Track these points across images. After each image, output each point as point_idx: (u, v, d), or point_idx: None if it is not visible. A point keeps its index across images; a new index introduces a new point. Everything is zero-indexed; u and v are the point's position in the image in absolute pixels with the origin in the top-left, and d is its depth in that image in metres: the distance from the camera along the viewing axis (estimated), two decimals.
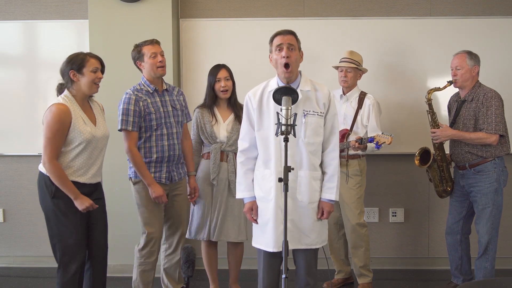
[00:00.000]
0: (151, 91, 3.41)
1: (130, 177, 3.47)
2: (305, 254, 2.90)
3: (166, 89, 3.50)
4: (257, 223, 2.91)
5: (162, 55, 3.42)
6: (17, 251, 4.61)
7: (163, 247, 3.61)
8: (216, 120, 3.61)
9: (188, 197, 3.59)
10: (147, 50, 3.37)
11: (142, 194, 3.41)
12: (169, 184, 3.47)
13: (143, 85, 3.42)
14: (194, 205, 3.63)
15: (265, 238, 2.86)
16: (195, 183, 3.58)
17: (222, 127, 3.61)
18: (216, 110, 3.63)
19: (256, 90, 2.92)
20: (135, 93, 3.37)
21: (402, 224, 4.51)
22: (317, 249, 2.93)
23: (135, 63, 3.45)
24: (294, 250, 2.89)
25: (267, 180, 2.85)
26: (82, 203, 2.95)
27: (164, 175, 3.43)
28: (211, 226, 3.57)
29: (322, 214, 2.88)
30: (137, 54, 3.41)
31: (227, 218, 3.58)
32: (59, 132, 2.90)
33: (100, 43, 4.15)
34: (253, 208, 2.91)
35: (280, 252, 2.79)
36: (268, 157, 2.85)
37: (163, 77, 3.51)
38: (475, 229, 3.69)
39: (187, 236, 3.66)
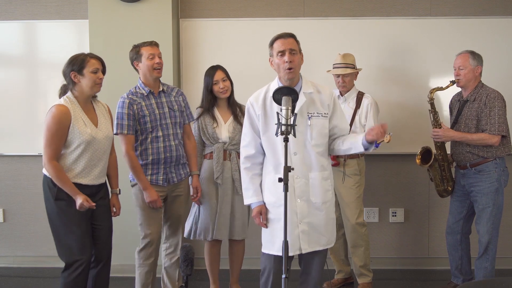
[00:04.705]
0: (146, 94, 3.41)
1: (130, 180, 3.47)
2: (319, 255, 2.88)
3: (163, 90, 3.49)
4: (266, 227, 2.88)
5: (160, 57, 3.41)
6: (17, 251, 4.61)
7: (163, 247, 3.61)
8: (217, 123, 3.60)
9: (192, 197, 3.58)
10: (145, 51, 3.37)
11: (140, 196, 3.40)
12: (167, 186, 3.46)
13: (138, 88, 3.43)
14: (199, 205, 3.62)
15: (277, 243, 2.80)
16: (198, 182, 3.56)
17: (223, 128, 3.60)
18: (216, 112, 3.62)
19: (258, 96, 2.90)
20: (129, 96, 3.38)
21: (402, 224, 4.50)
22: (327, 249, 2.94)
23: (132, 63, 3.44)
24: (307, 253, 2.84)
25: (279, 186, 2.77)
26: (79, 200, 2.92)
27: (161, 177, 3.43)
28: (219, 226, 3.56)
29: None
30: (135, 54, 3.41)
31: (234, 216, 3.58)
32: (58, 133, 2.90)
33: (100, 43, 4.15)
34: (262, 212, 2.87)
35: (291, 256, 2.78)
36: (277, 161, 2.83)
37: (161, 78, 3.49)
38: (475, 229, 3.69)
39: (191, 237, 3.63)
